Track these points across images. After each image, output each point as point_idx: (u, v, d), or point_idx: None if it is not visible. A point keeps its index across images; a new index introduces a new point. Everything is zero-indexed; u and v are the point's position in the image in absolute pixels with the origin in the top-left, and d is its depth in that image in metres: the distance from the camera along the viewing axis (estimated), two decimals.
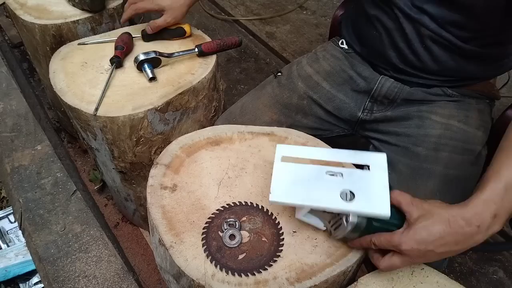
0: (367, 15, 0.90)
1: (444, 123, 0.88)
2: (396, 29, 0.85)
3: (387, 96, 0.92)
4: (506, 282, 1.36)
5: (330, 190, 0.64)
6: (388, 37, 0.87)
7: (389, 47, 0.88)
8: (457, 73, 0.87)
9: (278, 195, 0.65)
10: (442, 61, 0.84)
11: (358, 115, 0.97)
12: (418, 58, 0.85)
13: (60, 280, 0.81)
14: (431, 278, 0.68)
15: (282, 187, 0.66)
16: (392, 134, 0.94)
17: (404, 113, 0.92)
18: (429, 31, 0.81)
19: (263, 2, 2.55)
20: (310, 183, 0.65)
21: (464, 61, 0.84)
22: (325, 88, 0.98)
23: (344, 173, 0.65)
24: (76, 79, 1.02)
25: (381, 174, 0.64)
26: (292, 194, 0.65)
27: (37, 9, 1.26)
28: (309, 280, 0.64)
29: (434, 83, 0.88)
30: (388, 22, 0.86)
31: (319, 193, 0.64)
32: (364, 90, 0.95)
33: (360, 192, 0.63)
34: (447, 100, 0.89)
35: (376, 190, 0.63)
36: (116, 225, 1.50)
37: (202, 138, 0.86)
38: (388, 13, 0.85)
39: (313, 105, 0.99)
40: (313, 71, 1.00)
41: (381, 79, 0.92)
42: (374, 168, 0.65)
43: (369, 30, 0.91)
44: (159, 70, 1.05)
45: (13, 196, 0.96)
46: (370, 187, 0.64)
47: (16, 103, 1.16)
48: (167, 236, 0.69)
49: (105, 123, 0.96)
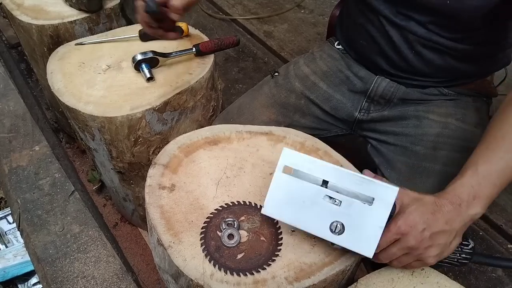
0: (355, 23, 0.90)
1: (442, 122, 0.88)
2: (382, 37, 0.85)
3: (383, 96, 0.92)
4: (505, 280, 1.36)
5: (322, 218, 0.63)
6: (376, 45, 0.87)
7: (377, 54, 0.88)
8: (451, 73, 0.87)
9: (270, 209, 0.66)
10: (434, 64, 0.84)
11: (355, 115, 0.97)
12: (408, 63, 0.85)
13: (59, 281, 0.81)
14: (432, 278, 0.68)
15: (276, 202, 0.65)
16: (390, 134, 0.94)
17: (401, 113, 0.92)
18: (417, 37, 0.80)
19: (261, 1, 2.54)
20: (305, 204, 0.64)
21: (456, 61, 0.84)
22: (322, 88, 0.98)
23: (343, 202, 0.62)
24: (74, 80, 1.02)
25: (381, 213, 0.61)
26: (284, 211, 0.65)
27: (34, 9, 1.25)
28: (308, 279, 0.64)
29: (428, 84, 0.89)
30: (373, 30, 0.86)
31: (310, 217, 0.64)
32: (361, 90, 0.95)
33: (351, 228, 0.62)
34: (444, 99, 0.90)
35: (369, 230, 0.61)
36: (115, 225, 1.50)
37: (200, 137, 0.86)
38: (373, 21, 0.85)
39: (310, 105, 0.99)
40: (310, 71, 1.00)
41: (377, 79, 0.92)
42: (378, 203, 0.61)
43: (358, 37, 0.91)
44: (156, 70, 1.05)
45: (11, 196, 0.96)
46: (364, 224, 0.62)
47: (13, 103, 1.16)
48: (166, 236, 0.69)
49: (103, 123, 0.95)
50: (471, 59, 0.84)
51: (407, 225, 0.61)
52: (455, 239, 0.63)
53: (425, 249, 0.61)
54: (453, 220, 0.62)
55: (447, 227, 0.61)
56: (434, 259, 0.63)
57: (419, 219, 0.61)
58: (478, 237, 1.47)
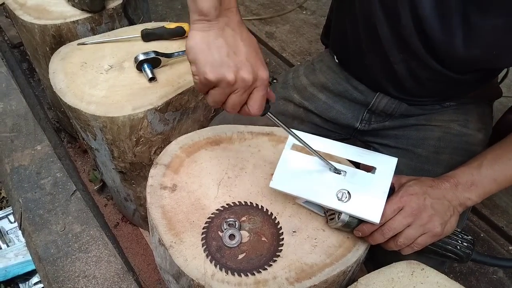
0: (357, 47, 0.85)
1: (444, 126, 0.88)
2: (385, 68, 0.82)
3: (384, 111, 0.91)
4: (506, 282, 1.36)
5: (328, 187, 0.67)
6: (378, 72, 0.84)
7: (381, 78, 0.85)
8: (454, 93, 0.86)
9: (278, 183, 0.69)
10: (437, 91, 0.84)
11: (356, 126, 0.96)
12: (411, 92, 0.84)
13: (60, 280, 0.81)
14: (432, 278, 0.68)
15: (284, 176, 0.69)
16: (391, 138, 0.93)
17: (402, 123, 0.92)
18: (425, 72, 0.78)
19: (263, 2, 2.55)
20: (312, 176, 0.68)
21: (460, 86, 0.83)
22: (321, 99, 0.96)
23: (348, 172, 0.67)
24: (76, 79, 1.02)
25: (384, 179, 0.65)
26: (291, 184, 0.69)
27: (36, 9, 1.26)
28: (309, 280, 0.64)
29: (430, 102, 0.88)
30: (376, 59, 0.82)
31: (318, 188, 0.67)
32: (361, 102, 0.93)
33: (357, 194, 0.65)
34: (445, 108, 0.89)
35: (374, 195, 0.65)
36: (116, 225, 1.50)
37: (202, 138, 0.86)
38: (377, 52, 0.80)
39: (309, 114, 0.98)
40: (309, 83, 0.98)
41: (378, 95, 0.89)
42: (380, 172, 0.66)
43: (358, 60, 0.88)
44: (158, 70, 1.05)
45: (13, 196, 0.96)
46: (369, 191, 0.65)
47: (15, 103, 1.16)
48: (167, 236, 0.69)
49: (104, 123, 0.96)
50: (475, 80, 0.82)
51: (408, 194, 0.65)
52: (454, 216, 0.66)
53: (429, 217, 0.64)
54: (450, 196, 0.66)
55: (445, 200, 0.66)
56: (440, 228, 0.64)
57: (419, 189, 0.65)
58: (479, 239, 1.47)
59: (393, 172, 0.66)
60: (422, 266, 0.69)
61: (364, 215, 0.64)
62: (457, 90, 0.85)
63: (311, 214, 0.73)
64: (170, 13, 2.52)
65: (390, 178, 0.65)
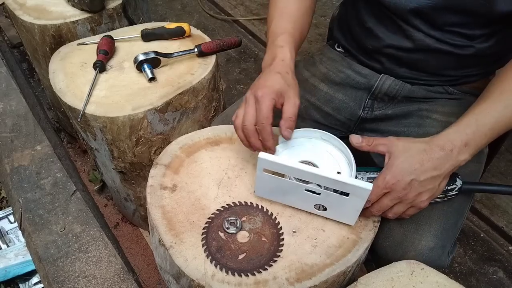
0: (363, 26, 0.89)
1: (444, 121, 0.88)
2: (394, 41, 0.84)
3: (387, 93, 0.92)
4: (506, 282, 1.36)
5: (305, 201, 0.71)
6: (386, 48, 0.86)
7: (385, 57, 0.87)
8: (459, 72, 0.87)
9: (260, 193, 0.75)
10: (443, 65, 0.84)
11: (358, 114, 0.97)
12: (417, 66, 0.85)
13: (60, 280, 0.81)
14: (431, 278, 0.68)
15: (263, 189, 0.74)
16: (391, 133, 0.93)
17: (404, 111, 0.92)
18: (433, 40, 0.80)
19: (263, 2, 2.55)
20: (288, 193, 0.71)
21: (466, 61, 0.84)
22: (322, 90, 0.97)
23: (322, 193, 0.68)
24: (76, 80, 1.02)
25: (357, 202, 0.65)
26: (271, 195, 0.74)
27: (36, 9, 1.26)
28: (309, 280, 0.64)
29: (435, 82, 0.89)
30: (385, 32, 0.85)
31: (295, 200, 0.72)
32: (364, 87, 0.94)
33: (332, 208, 0.69)
34: (448, 97, 0.89)
35: (348, 210, 0.68)
36: (116, 225, 1.50)
37: (202, 138, 0.86)
38: (387, 25, 0.84)
39: (310, 109, 0.99)
40: (310, 74, 1.00)
41: (382, 77, 0.91)
42: (353, 196, 0.65)
43: (365, 40, 0.90)
44: (158, 70, 1.05)
45: (13, 196, 0.96)
46: (343, 207, 0.68)
47: (15, 103, 1.16)
48: (167, 236, 0.69)
49: (104, 123, 0.96)
50: (481, 59, 0.83)
51: (395, 178, 0.64)
52: (443, 181, 0.67)
53: (415, 196, 0.65)
54: (442, 165, 0.65)
55: (435, 173, 0.65)
56: (426, 202, 0.67)
57: (406, 171, 0.64)
58: (479, 239, 1.47)
59: (366, 197, 0.64)
60: (421, 265, 0.69)
61: (341, 219, 0.71)
62: (459, 69, 0.86)
63: (311, 214, 0.74)
64: (170, 13, 2.52)
65: (363, 201, 0.65)
